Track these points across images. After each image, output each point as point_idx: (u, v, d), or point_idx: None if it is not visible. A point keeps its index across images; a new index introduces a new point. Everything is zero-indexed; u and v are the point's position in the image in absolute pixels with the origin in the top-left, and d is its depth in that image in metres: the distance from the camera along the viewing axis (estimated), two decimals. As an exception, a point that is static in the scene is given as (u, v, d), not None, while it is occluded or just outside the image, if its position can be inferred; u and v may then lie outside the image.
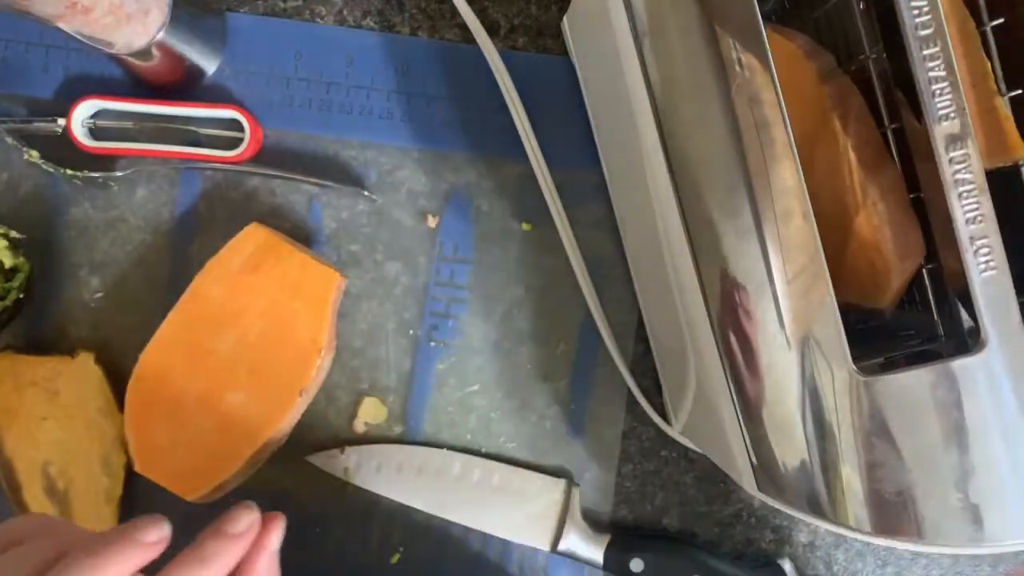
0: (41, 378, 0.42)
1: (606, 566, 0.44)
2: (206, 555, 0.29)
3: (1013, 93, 0.29)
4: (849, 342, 0.26)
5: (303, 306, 0.40)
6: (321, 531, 0.45)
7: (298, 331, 0.40)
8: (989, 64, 0.28)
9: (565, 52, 0.44)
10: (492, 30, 0.44)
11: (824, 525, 0.28)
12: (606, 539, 0.44)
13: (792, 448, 0.27)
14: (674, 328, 0.34)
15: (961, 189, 0.25)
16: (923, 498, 0.26)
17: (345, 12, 0.44)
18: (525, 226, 0.45)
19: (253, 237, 0.41)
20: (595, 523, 0.45)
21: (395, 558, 0.45)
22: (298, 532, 0.45)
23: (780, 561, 0.45)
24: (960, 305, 0.31)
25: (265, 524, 0.31)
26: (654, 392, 0.45)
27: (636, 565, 0.43)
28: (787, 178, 0.25)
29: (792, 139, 0.26)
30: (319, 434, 0.45)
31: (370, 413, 0.44)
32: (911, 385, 0.26)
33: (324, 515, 0.45)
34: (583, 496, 0.45)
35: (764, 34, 0.25)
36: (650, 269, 0.37)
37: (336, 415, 0.45)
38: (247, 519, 0.31)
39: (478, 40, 0.44)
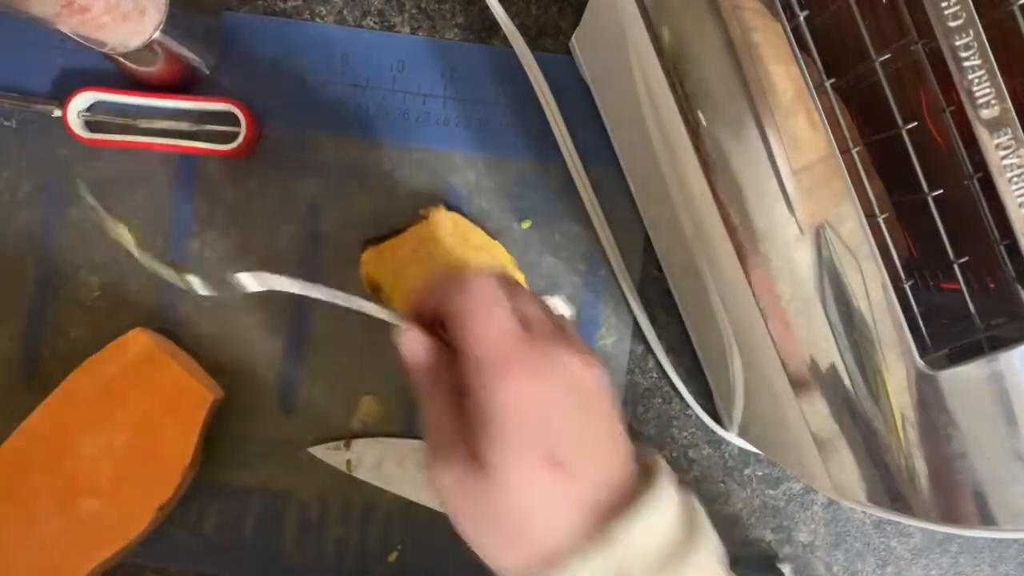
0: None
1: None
2: None
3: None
4: (912, 332, 0.26)
5: (174, 422, 0.40)
6: (320, 530, 0.45)
7: (165, 446, 0.40)
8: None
9: (564, 51, 0.44)
10: (492, 30, 0.44)
11: (903, 520, 0.28)
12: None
13: (862, 444, 0.27)
14: (718, 331, 0.34)
15: (1010, 174, 0.25)
16: (998, 485, 0.26)
17: (345, 12, 0.44)
18: (524, 224, 0.45)
19: (135, 343, 0.40)
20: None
21: (392, 556, 0.45)
22: (297, 531, 0.45)
23: (780, 565, 0.45)
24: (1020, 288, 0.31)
25: None
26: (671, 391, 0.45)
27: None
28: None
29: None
30: (317, 431, 0.44)
31: (367, 412, 0.44)
32: (978, 375, 0.26)
33: (323, 514, 0.45)
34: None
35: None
36: (695, 294, 0.37)
37: (334, 412, 0.45)
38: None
39: (509, 38, 0.43)
